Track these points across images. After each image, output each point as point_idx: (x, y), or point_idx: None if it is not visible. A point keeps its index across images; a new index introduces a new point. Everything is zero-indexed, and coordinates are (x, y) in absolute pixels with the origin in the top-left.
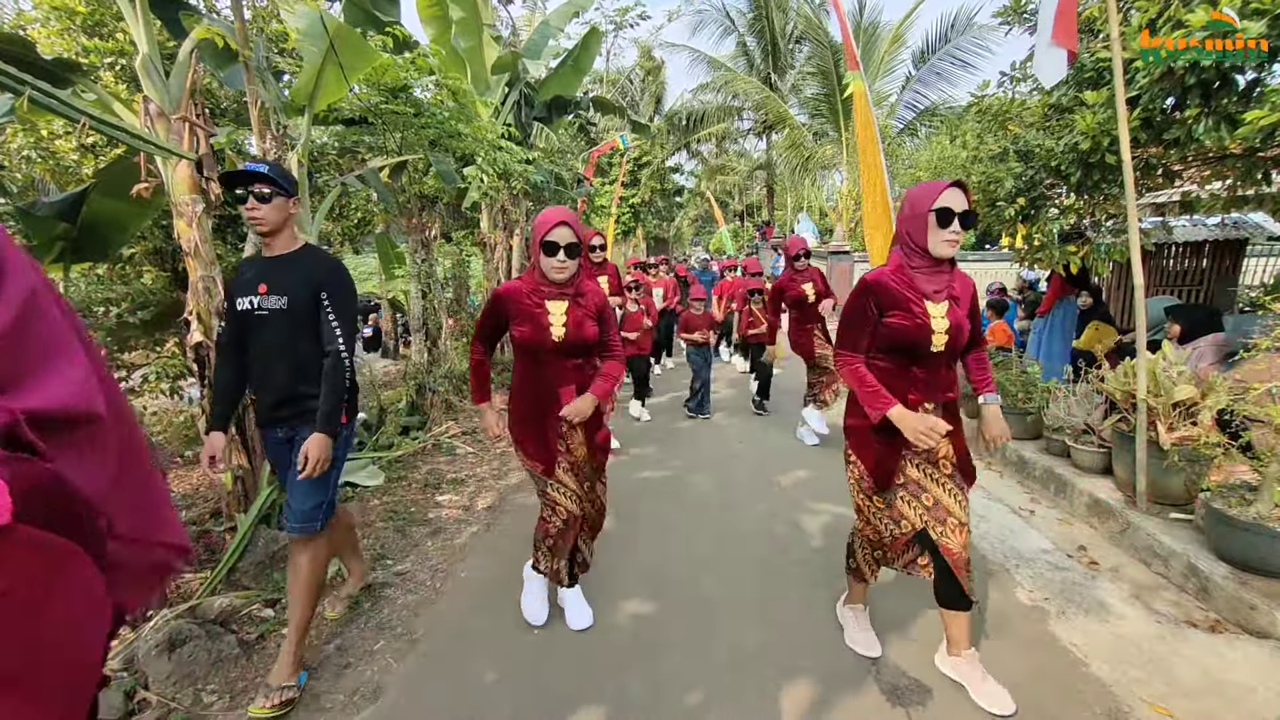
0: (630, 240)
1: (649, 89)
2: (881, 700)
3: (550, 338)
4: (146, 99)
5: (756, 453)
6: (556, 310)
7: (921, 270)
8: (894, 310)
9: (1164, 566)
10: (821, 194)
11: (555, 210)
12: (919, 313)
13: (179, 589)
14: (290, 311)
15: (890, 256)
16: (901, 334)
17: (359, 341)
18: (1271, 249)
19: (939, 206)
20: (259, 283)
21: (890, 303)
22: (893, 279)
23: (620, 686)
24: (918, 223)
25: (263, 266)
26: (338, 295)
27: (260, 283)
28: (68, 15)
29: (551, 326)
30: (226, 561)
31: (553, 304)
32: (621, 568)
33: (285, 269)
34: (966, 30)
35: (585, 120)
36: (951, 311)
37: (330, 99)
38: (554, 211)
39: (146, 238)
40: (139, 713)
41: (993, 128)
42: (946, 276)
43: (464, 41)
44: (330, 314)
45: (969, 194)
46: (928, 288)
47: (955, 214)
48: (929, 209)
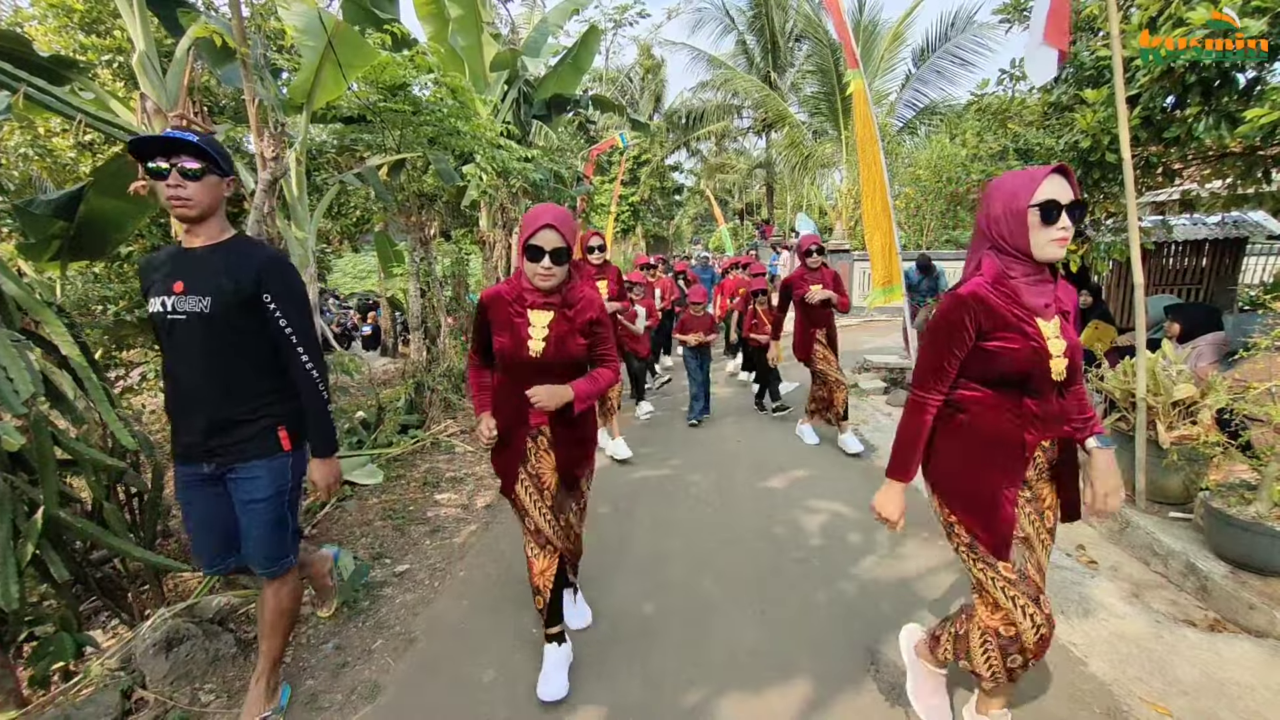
0: (630, 239)
1: (648, 87)
2: (880, 700)
3: (526, 351)
4: (144, 96)
5: (755, 452)
6: (539, 321)
7: (1025, 280)
8: (1001, 333)
9: (1163, 565)
10: (821, 193)
11: (543, 209)
12: (1033, 334)
13: (176, 588)
14: (212, 316)
15: (982, 264)
16: (1014, 362)
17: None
18: (1271, 248)
19: (1041, 200)
20: (175, 279)
21: (995, 324)
22: (995, 294)
23: (619, 686)
24: (1014, 222)
25: (180, 259)
26: (287, 297)
27: (176, 280)
28: (65, 12)
29: (530, 339)
30: None
31: (536, 314)
32: (620, 567)
33: (208, 263)
34: (966, 28)
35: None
36: (1065, 330)
37: (329, 97)
38: (542, 210)
39: (144, 235)
40: (136, 712)
41: (992, 126)
42: (1051, 286)
43: (462, 39)
44: (283, 322)
45: (1074, 179)
46: (1036, 302)
47: (1062, 206)
48: (1028, 204)
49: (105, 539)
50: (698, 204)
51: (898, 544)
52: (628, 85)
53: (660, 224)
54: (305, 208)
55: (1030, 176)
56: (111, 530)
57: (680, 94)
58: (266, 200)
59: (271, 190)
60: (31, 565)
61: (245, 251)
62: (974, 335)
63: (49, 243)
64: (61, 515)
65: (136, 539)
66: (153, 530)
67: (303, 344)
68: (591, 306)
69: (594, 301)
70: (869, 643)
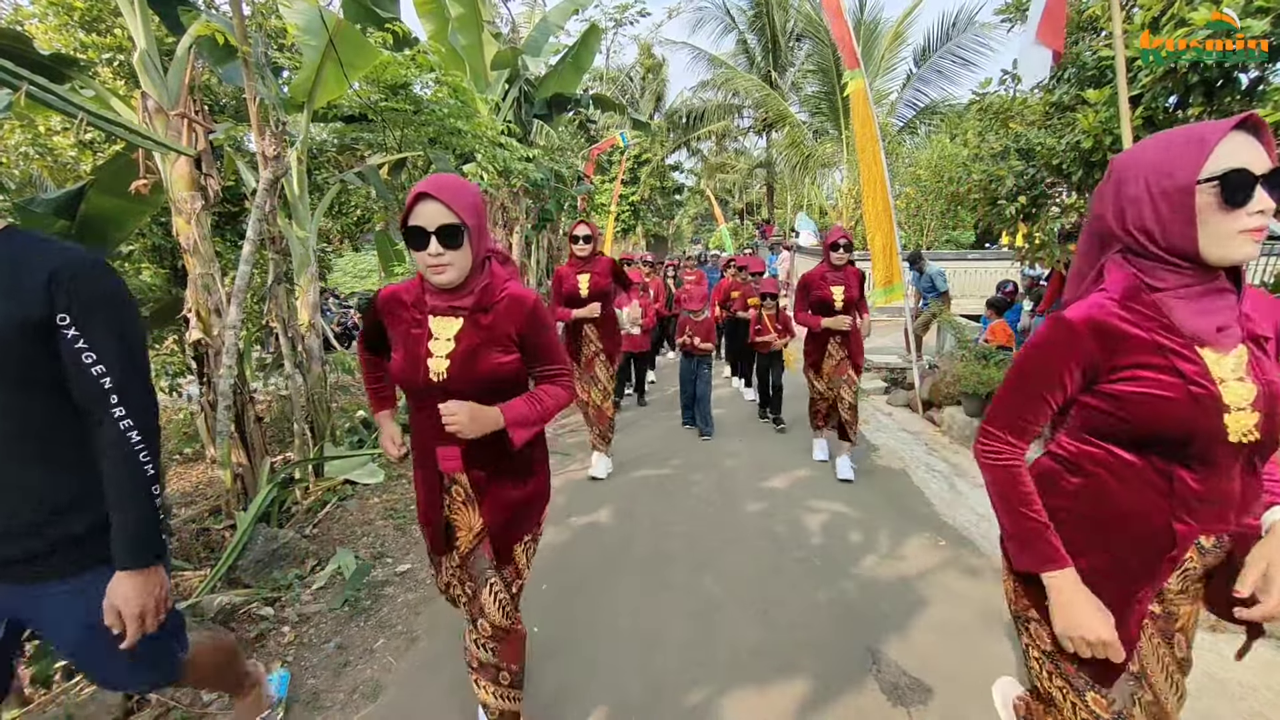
0: (630, 238)
1: (649, 86)
2: (882, 699)
3: (424, 373)
4: (145, 95)
5: (755, 451)
6: (443, 331)
7: (1182, 294)
8: (1137, 370)
9: None
10: (821, 192)
11: (427, 180)
12: (1193, 373)
13: (178, 586)
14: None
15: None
16: (1158, 415)
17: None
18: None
19: (1223, 170)
20: None
21: (1128, 356)
22: (1124, 314)
23: (620, 686)
24: (1171, 206)
25: None
26: (94, 312)
27: None
28: (65, 10)
29: (431, 356)
30: (226, 559)
31: (439, 322)
32: (621, 567)
33: None
34: (968, 28)
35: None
36: (1260, 367)
37: (330, 95)
38: (424, 181)
39: (145, 235)
40: (138, 711)
41: (994, 126)
42: (1232, 300)
43: (463, 38)
44: (85, 350)
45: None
46: (1202, 324)
47: (1256, 179)
48: (1198, 178)
49: None
50: (698, 204)
51: (899, 544)
52: (628, 84)
53: (660, 223)
54: (306, 207)
55: (1197, 137)
56: None
57: (681, 93)
58: (268, 199)
59: (273, 189)
60: None
61: (26, 250)
62: (1082, 380)
63: None
64: None
65: None
66: None
67: (121, 392)
68: (518, 310)
69: (523, 302)
70: (870, 642)
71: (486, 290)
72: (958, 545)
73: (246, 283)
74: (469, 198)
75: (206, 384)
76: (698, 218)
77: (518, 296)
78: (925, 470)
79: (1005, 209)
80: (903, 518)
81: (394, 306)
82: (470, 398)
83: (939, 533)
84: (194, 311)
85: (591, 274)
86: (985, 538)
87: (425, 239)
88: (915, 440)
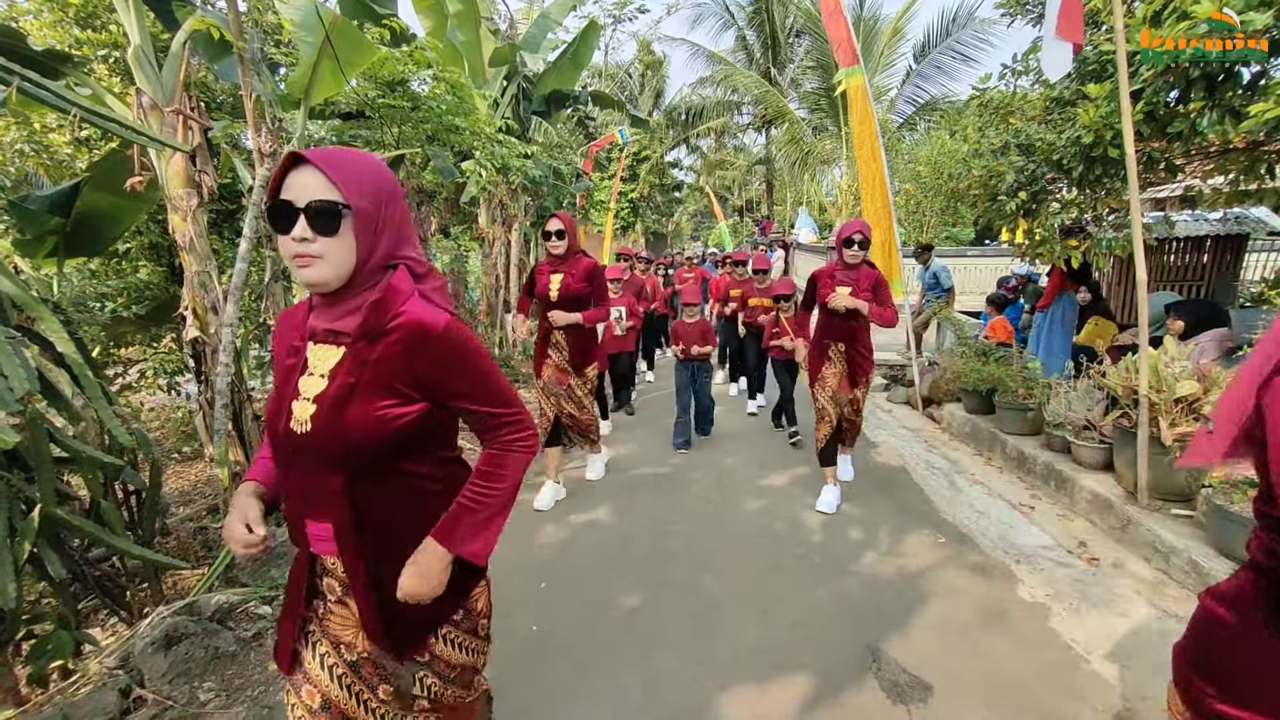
0: (630, 235)
1: (648, 83)
2: (882, 697)
3: (286, 420)
4: (139, 91)
5: (754, 450)
6: (320, 365)
7: None
8: None
9: (1165, 563)
10: (821, 189)
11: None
12: None
13: (175, 585)
14: None
15: None
16: None
17: None
18: (1272, 244)
19: None
20: None
21: None
22: None
23: (620, 685)
24: None
25: None
26: None
27: None
28: (60, 7)
29: (297, 397)
30: (224, 558)
31: (318, 351)
32: (621, 565)
33: None
34: (968, 23)
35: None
36: None
37: (326, 92)
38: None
39: (141, 232)
40: (134, 710)
41: (994, 121)
42: None
43: (461, 34)
44: None
45: None
46: None
47: None
48: None
49: (103, 537)
50: (697, 201)
51: (899, 541)
52: (627, 81)
53: (660, 221)
54: None
55: None
56: (109, 528)
57: (680, 90)
58: (265, 196)
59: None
60: (29, 563)
61: None
62: None
63: (45, 239)
64: (58, 513)
65: (135, 537)
66: (151, 528)
67: None
68: (418, 340)
69: (426, 331)
70: (870, 640)
71: (377, 309)
72: (958, 542)
73: (244, 280)
74: (365, 174)
75: (204, 382)
76: (697, 215)
77: (418, 322)
78: (925, 467)
79: (1005, 205)
80: (902, 515)
81: (284, 330)
82: (339, 462)
83: (939, 530)
84: (191, 309)
85: (565, 275)
86: (985, 535)
87: (293, 215)
88: (915, 437)
